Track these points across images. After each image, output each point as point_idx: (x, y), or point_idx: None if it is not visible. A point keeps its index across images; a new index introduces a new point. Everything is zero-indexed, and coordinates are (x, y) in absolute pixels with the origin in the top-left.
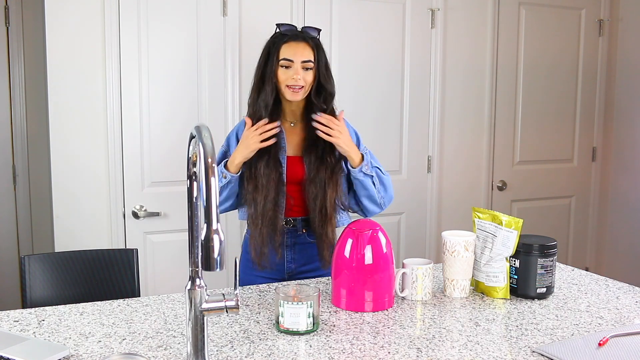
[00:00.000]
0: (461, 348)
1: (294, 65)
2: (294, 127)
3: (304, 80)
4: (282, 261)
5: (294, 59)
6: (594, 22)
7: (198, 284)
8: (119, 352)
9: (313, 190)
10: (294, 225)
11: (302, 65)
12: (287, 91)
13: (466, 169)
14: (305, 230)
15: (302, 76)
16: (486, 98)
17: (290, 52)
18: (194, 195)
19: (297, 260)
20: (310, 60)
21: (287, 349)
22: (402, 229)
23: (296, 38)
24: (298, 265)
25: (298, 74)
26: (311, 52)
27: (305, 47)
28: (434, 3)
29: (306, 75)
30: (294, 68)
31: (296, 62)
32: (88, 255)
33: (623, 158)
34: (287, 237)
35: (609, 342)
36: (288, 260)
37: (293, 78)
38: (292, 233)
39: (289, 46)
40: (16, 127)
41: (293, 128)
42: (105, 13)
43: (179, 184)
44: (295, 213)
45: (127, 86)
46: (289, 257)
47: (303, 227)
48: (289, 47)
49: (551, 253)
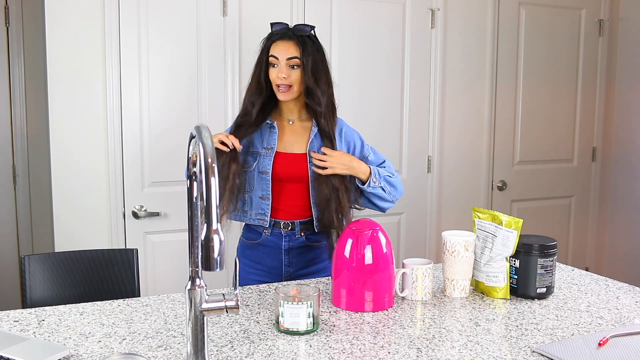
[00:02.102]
0: (461, 348)
1: (279, 63)
2: (293, 125)
3: (290, 79)
4: (279, 265)
5: (279, 57)
6: (594, 22)
7: (198, 284)
8: (119, 352)
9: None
10: (292, 229)
11: (287, 62)
12: (277, 91)
13: (466, 169)
14: (304, 233)
15: (287, 74)
16: (486, 98)
17: (277, 50)
18: (194, 195)
19: (295, 264)
20: (295, 57)
21: (287, 349)
22: (402, 229)
23: (284, 37)
24: (296, 269)
25: (282, 72)
26: (297, 50)
27: (291, 44)
28: (434, 3)
29: (293, 73)
30: (279, 66)
31: (281, 60)
32: (88, 255)
33: (623, 158)
34: (285, 241)
35: (609, 342)
36: (285, 264)
37: (278, 76)
38: (289, 237)
39: (276, 45)
40: (16, 127)
41: (292, 126)
42: (105, 13)
43: (179, 184)
44: (292, 216)
45: (127, 86)
46: (286, 261)
47: (301, 230)
48: (277, 46)
49: (551, 253)
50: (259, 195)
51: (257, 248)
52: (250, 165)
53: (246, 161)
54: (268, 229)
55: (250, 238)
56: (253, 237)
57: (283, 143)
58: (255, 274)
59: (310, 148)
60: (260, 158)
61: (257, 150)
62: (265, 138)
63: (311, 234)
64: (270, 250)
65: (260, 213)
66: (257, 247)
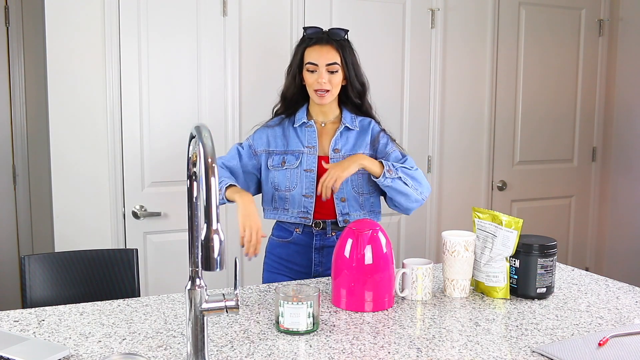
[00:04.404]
0: (461, 348)
1: (318, 69)
2: (325, 127)
3: (330, 83)
4: (309, 263)
5: (318, 63)
6: (594, 22)
7: (198, 284)
8: (119, 352)
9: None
10: (323, 228)
11: (327, 68)
12: (315, 95)
13: (466, 169)
14: (334, 233)
15: (327, 79)
16: (486, 98)
17: (315, 55)
18: (194, 195)
19: (325, 264)
20: (335, 62)
21: (287, 349)
22: (402, 229)
23: (320, 41)
24: (325, 269)
25: (322, 77)
26: (336, 54)
27: (329, 49)
28: (434, 3)
29: (332, 78)
30: (318, 72)
31: (320, 66)
32: (88, 255)
33: (623, 158)
34: (316, 240)
35: (609, 342)
36: (315, 263)
37: (318, 82)
38: (320, 235)
39: (313, 50)
40: (16, 127)
41: (324, 128)
42: (106, 13)
43: (179, 184)
44: (324, 215)
45: (127, 86)
46: (316, 259)
47: (332, 229)
48: (314, 51)
49: (551, 253)
50: (302, 193)
51: (288, 246)
52: (292, 164)
53: (285, 160)
54: (300, 228)
55: (281, 236)
56: (284, 235)
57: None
58: (282, 272)
59: (333, 146)
60: (303, 156)
61: (299, 149)
62: (305, 137)
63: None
64: (302, 249)
65: (303, 211)
66: (288, 246)
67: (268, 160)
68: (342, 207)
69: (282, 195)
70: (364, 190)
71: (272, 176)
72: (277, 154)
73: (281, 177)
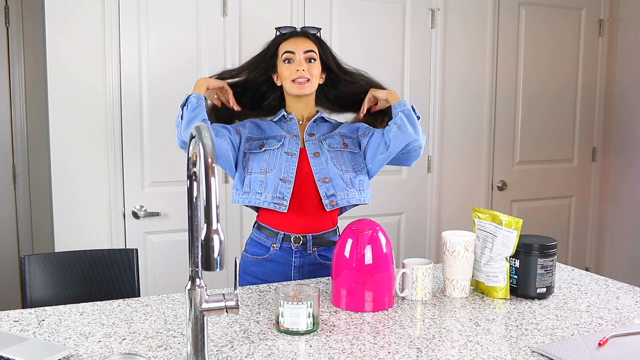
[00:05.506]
0: (461, 348)
1: (296, 57)
2: (302, 124)
3: (309, 72)
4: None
5: (295, 51)
6: (594, 22)
7: (198, 284)
8: (119, 352)
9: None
10: (304, 244)
11: (305, 56)
12: (294, 86)
13: (466, 169)
14: (316, 248)
15: (306, 68)
16: (486, 98)
17: (291, 45)
18: (194, 195)
19: None
20: (312, 50)
21: (287, 349)
22: (402, 229)
23: (296, 34)
24: None
25: (302, 65)
26: (313, 44)
27: (305, 40)
28: (434, 3)
29: (311, 68)
30: (296, 60)
31: (298, 53)
32: (88, 255)
33: (623, 158)
34: (295, 257)
35: (609, 342)
36: None
37: (297, 70)
38: (300, 252)
39: (289, 42)
40: (16, 127)
41: (301, 125)
42: (106, 13)
43: (179, 184)
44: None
45: (126, 86)
46: (296, 279)
47: (314, 244)
48: (289, 42)
49: (551, 253)
50: (280, 176)
51: (264, 264)
52: (272, 145)
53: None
54: (277, 243)
55: (255, 254)
56: (260, 252)
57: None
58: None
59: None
60: (285, 140)
61: (281, 134)
62: (286, 127)
63: (324, 250)
64: (279, 267)
65: (278, 197)
66: (264, 264)
67: (246, 144)
68: (326, 189)
69: (255, 177)
70: (347, 167)
71: (247, 158)
72: (254, 140)
73: (257, 159)
